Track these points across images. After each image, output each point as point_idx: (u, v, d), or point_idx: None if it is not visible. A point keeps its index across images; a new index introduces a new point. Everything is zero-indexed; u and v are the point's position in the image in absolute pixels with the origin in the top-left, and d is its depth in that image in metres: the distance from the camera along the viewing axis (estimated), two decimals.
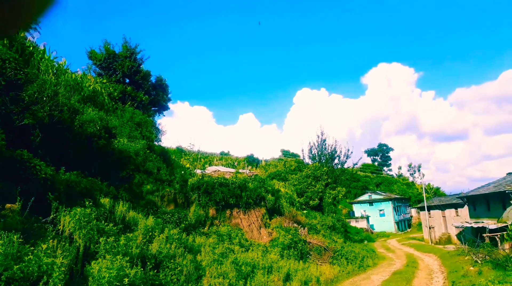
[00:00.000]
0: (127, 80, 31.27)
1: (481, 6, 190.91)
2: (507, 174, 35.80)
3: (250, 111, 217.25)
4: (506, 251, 20.04)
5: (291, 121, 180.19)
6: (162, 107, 35.51)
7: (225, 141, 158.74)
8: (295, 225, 24.81)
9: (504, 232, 23.62)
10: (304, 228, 24.79)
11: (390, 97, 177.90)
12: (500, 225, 25.82)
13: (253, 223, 21.83)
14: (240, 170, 39.42)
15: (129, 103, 27.97)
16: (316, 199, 40.34)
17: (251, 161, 73.07)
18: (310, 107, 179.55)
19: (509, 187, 26.24)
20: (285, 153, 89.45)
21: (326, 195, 42.89)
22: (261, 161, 77.62)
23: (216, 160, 66.55)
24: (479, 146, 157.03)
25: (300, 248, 20.15)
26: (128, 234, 11.05)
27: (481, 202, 32.59)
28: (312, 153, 49.68)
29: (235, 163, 66.59)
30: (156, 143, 26.36)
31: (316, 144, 49.49)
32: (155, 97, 33.74)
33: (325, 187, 42.80)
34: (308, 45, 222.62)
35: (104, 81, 27.51)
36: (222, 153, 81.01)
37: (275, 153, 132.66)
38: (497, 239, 25.11)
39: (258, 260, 15.00)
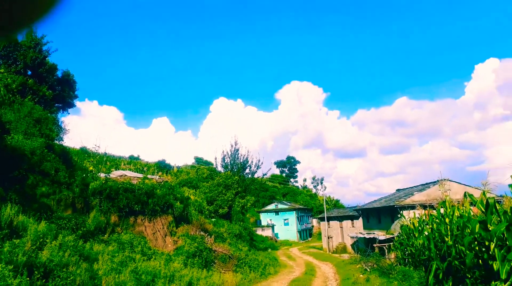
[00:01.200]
0: (29, 72, 28.63)
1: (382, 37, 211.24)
2: (396, 190, 39.77)
3: (165, 116, 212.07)
4: (392, 260, 22.09)
5: (207, 129, 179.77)
6: (67, 104, 33.08)
7: (135, 145, 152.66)
8: (202, 233, 24.73)
9: (391, 243, 26.09)
10: (211, 236, 24.81)
11: (300, 113, 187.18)
12: (388, 236, 28.50)
13: (159, 231, 21.28)
14: (149, 176, 38.19)
15: (29, 97, 25.57)
16: (226, 207, 40.66)
17: (162, 167, 71.21)
18: (226, 116, 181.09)
19: (397, 202, 29.16)
20: (199, 160, 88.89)
21: (236, 203, 43.49)
22: (173, 167, 76.04)
23: (124, 164, 63.67)
24: (375, 163, 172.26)
25: (205, 256, 20.13)
26: (15, 240, 10.09)
27: (374, 215, 35.73)
28: (225, 161, 50.08)
29: (145, 168, 64.34)
30: (57, 142, 24.43)
31: (230, 153, 50.02)
32: (60, 93, 31.32)
33: (235, 195, 43.39)
34: (228, 55, 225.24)
35: (2, 70, 24.86)
36: (131, 157, 77.75)
37: (188, 160, 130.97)
38: (385, 249, 27.65)
39: (160, 269, 14.66)
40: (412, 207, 26.30)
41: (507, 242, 8.37)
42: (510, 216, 8.36)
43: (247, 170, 50.61)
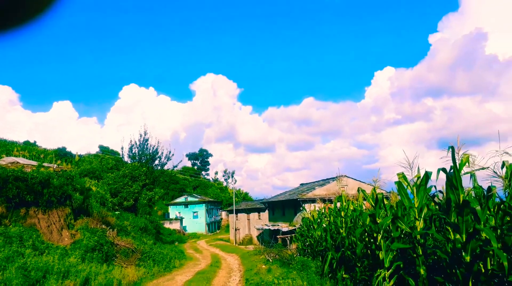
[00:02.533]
0: None
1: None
2: (300, 184, 41.85)
3: (68, 99, 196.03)
4: (293, 250, 23.22)
5: (114, 117, 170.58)
6: None
7: (32, 130, 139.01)
8: (104, 226, 23.45)
9: (293, 234, 27.43)
10: (113, 230, 23.65)
11: (214, 106, 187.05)
12: (291, 228, 29.92)
13: (54, 223, 19.67)
14: (46, 164, 35.12)
15: None
16: (131, 200, 39.07)
17: (62, 154, 65.96)
18: (136, 104, 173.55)
19: (300, 196, 30.73)
20: (104, 149, 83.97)
21: (142, 196, 41.99)
22: (75, 155, 70.85)
23: (18, 150, 57.68)
24: (282, 159, 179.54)
25: (106, 250, 19.13)
26: None
27: (279, 207, 37.24)
28: (133, 152, 47.92)
29: (42, 156, 59.01)
30: None
31: (138, 143, 48.02)
32: None
33: (142, 187, 41.86)
34: (143, 41, 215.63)
35: None
36: (26, 143, 70.73)
37: (92, 148, 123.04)
38: (287, 240, 29.00)
39: (54, 264, 13.59)
40: (313, 200, 27.91)
41: (392, 234, 9.27)
42: (395, 210, 9.26)
43: (157, 162, 49.08)
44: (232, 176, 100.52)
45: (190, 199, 69.92)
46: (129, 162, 48.17)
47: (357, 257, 11.00)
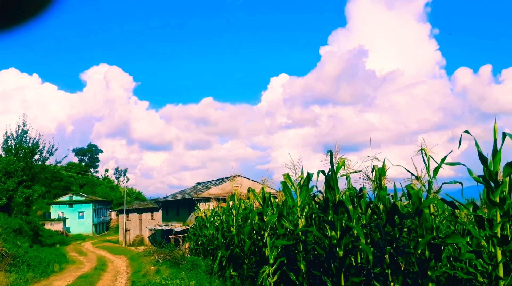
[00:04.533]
0: None
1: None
2: (196, 183, 41.68)
3: None
4: (186, 250, 22.99)
5: None
6: None
7: None
8: None
9: (186, 234, 27.18)
10: None
11: (106, 99, 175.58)
12: (184, 227, 29.59)
13: None
14: None
15: None
16: (4, 198, 34.77)
17: None
18: (15, 92, 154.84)
19: (195, 195, 30.60)
20: None
21: (18, 194, 37.63)
22: None
23: None
24: (179, 157, 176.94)
25: None
26: None
27: (173, 207, 36.59)
28: (8, 144, 42.72)
29: None
30: None
31: (15, 135, 42.97)
32: None
33: (18, 185, 37.51)
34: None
35: None
36: None
37: None
38: (180, 240, 28.61)
39: None
40: (208, 199, 28.01)
41: (277, 231, 9.74)
42: (281, 208, 9.74)
43: (37, 156, 44.45)
44: (125, 174, 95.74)
45: (75, 198, 64.76)
46: (3, 155, 42.85)
47: (245, 254, 11.32)
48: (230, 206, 14.63)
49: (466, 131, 5.17)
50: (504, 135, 4.77)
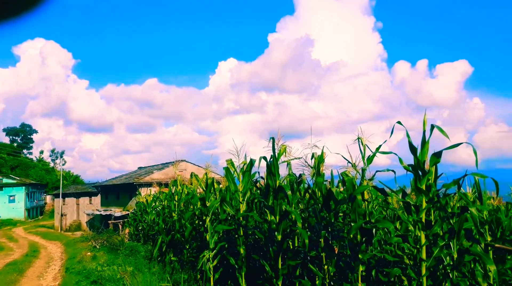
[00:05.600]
0: None
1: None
2: (138, 168, 40.57)
3: None
4: (125, 236, 22.41)
5: None
6: None
7: None
8: None
9: (126, 219, 26.47)
10: None
11: (42, 76, 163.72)
12: (124, 213, 28.79)
13: None
14: None
15: None
16: None
17: None
18: None
19: (136, 180, 29.79)
20: None
21: None
22: None
23: None
24: (121, 140, 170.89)
25: None
26: None
27: (113, 191, 35.40)
28: None
29: None
30: None
31: None
32: None
33: None
34: None
35: None
36: None
37: None
38: (120, 225, 27.82)
39: None
40: (150, 184, 27.39)
41: (219, 216, 9.75)
42: (224, 193, 9.73)
43: None
44: (61, 157, 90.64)
45: (6, 180, 60.52)
46: None
47: (185, 239, 11.26)
48: (173, 192, 14.42)
49: (399, 122, 5.45)
50: (432, 127, 5.07)
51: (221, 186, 12.59)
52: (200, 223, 11.02)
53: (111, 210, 32.65)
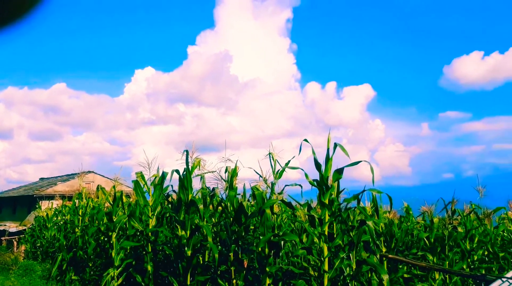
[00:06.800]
0: None
1: None
2: (40, 179, 37.22)
3: None
4: (21, 253, 20.29)
5: None
6: None
7: None
8: None
9: (22, 235, 23.99)
10: None
11: None
12: (21, 228, 26.05)
13: None
14: None
15: None
16: None
17: None
18: None
19: (37, 192, 27.26)
20: None
21: None
22: None
23: None
24: (22, 148, 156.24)
25: None
26: None
27: (9, 204, 31.95)
28: None
29: None
30: None
31: None
32: None
33: None
34: None
35: None
36: None
37: None
38: (15, 242, 25.10)
39: None
40: (52, 197, 25.24)
41: (127, 232, 9.28)
42: (133, 208, 9.31)
43: None
44: None
45: None
46: None
47: (89, 257, 10.53)
48: (77, 205, 13.43)
49: (306, 140, 5.72)
50: (335, 145, 5.41)
51: (131, 200, 12.05)
52: (106, 239, 10.40)
53: (5, 225, 29.34)
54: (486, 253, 7.51)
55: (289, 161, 6.40)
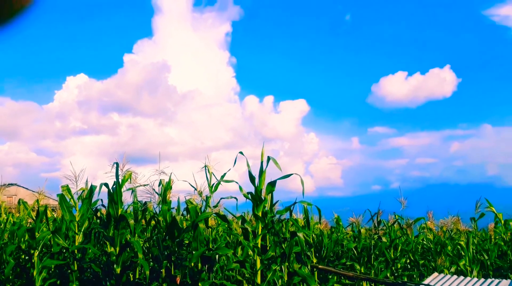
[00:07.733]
0: None
1: None
2: None
3: None
4: None
5: None
6: None
7: None
8: None
9: None
10: None
11: None
12: None
13: None
14: None
15: None
16: None
17: None
18: None
19: None
20: None
21: None
22: None
23: None
24: None
25: None
26: None
27: None
28: None
29: None
30: None
31: None
32: None
33: None
34: None
35: None
36: None
37: None
38: None
39: None
40: None
41: (52, 250, 8.68)
42: (58, 224, 8.75)
43: None
44: None
45: None
46: None
47: (6, 278, 9.66)
48: None
49: (241, 152, 5.77)
50: (269, 158, 5.52)
51: (56, 214, 11.31)
52: (27, 258, 9.62)
53: None
54: (408, 261, 8.02)
55: (224, 174, 6.39)
